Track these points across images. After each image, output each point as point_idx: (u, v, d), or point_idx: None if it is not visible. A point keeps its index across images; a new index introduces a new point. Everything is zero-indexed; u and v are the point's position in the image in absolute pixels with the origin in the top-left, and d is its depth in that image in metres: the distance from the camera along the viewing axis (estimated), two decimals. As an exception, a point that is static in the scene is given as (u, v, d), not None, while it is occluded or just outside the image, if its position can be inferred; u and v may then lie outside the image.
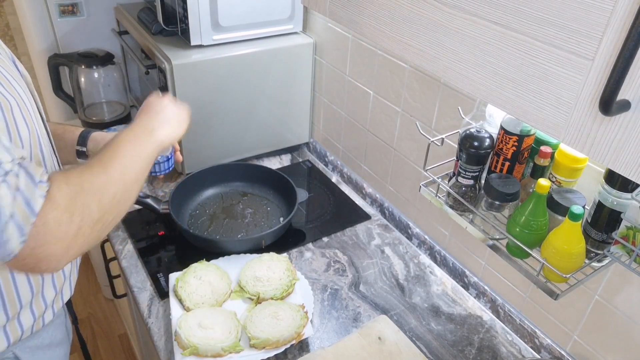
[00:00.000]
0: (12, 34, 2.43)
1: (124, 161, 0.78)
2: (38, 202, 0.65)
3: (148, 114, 0.91)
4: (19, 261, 0.66)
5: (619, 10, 0.48)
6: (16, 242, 0.64)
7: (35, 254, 0.66)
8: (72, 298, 1.03)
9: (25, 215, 0.64)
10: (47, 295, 0.88)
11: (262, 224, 1.38)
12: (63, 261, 0.70)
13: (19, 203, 0.63)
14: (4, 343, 0.83)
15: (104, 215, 0.73)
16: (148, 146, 0.85)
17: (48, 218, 0.66)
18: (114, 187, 0.75)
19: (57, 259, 0.69)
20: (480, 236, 0.96)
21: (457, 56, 0.67)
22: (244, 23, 1.43)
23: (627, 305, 0.92)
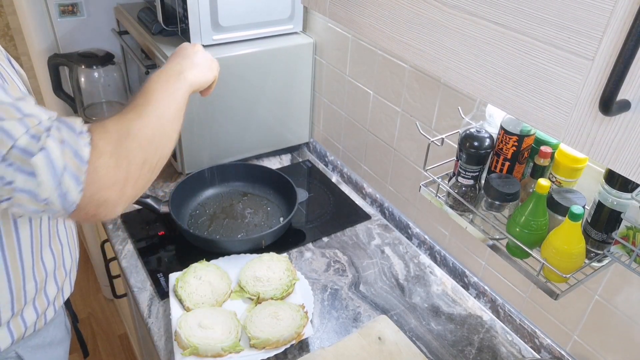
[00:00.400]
0: (12, 34, 2.43)
1: (157, 104, 0.80)
2: (85, 151, 0.66)
3: (177, 58, 0.94)
4: (81, 210, 0.68)
5: (619, 10, 0.48)
6: (75, 192, 0.65)
7: (93, 200, 0.68)
8: (73, 298, 1.04)
9: (77, 165, 0.65)
10: (49, 292, 0.89)
11: (262, 224, 1.38)
12: (119, 205, 0.72)
13: (67, 154, 0.65)
14: (8, 340, 0.84)
15: (148, 157, 0.75)
16: (179, 87, 0.86)
17: (97, 165, 0.67)
18: (151, 130, 0.77)
19: (113, 203, 0.71)
20: (480, 236, 0.96)
21: (457, 56, 0.67)
22: (244, 23, 1.43)
23: (627, 305, 0.92)
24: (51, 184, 0.64)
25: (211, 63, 0.98)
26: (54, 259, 0.88)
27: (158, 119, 0.79)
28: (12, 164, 0.62)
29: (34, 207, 0.65)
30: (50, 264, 0.88)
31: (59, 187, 0.64)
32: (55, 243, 0.89)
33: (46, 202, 0.65)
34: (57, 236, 0.89)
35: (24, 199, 0.64)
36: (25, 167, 0.63)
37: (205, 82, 0.95)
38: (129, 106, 0.79)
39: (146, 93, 0.81)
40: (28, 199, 0.64)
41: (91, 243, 2.21)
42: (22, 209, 0.66)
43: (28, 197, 0.64)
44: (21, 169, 0.63)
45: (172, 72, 0.88)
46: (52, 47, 1.73)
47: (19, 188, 0.63)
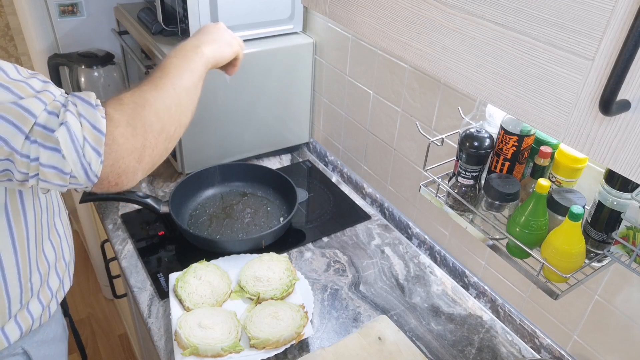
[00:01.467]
0: (12, 34, 2.43)
1: (174, 76, 0.83)
2: (102, 123, 0.68)
3: (198, 34, 0.97)
4: (103, 180, 0.71)
5: (619, 10, 0.48)
6: (96, 163, 0.68)
7: (114, 170, 0.71)
8: (73, 298, 1.05)
9: (96, 137, 0.68)
10: (52, 284, 0.91)
11: (262, 224, 1.38)
12: (139, 173, 0.75)
13: (86, 127, 0.67)
14: (17, 333, 0.85)
15: (165, 126, 0.78)
16: (196, 60, 0.89)
17: (115, 135, 0.70)
18: (168, 99, 0.79)
19: (133, 170, 0.73)
20: (480, 236, 0.96)
21: (457, 56, 0.67)
22: (244, 23, 1.43)
23: (627, 305, 0.92)
24: (74, 157, 0.66)
25: (231, 40, 1.00)
26: (54, 250, 0.90)
27: (174, 89, 0.81)
28: (35, 141, 0.64)
29: (60, 181, 0.68)
30: (51, 256, 0.89)
31: (81, 159, 0.67)
32: (54, 235, 0.90)
33: (71, 175, 0.67)
34: (55, 228, 0.91)
35: (50, 174, 0.67)
36: (48, 142, 0.65)
37: (223, 57, 0.97)
38: (146, 79, 0.81)
39: (164, 67, 0.84)
40: (54, 174, 0.67)
41: (91, 243, 2.21)
42: (49, 184, 0.68)
43: (54, 172, 0.67)
44: (44, 145, 0.65)
45: (190, 46, 0.91)
46: (52, 47, 1.73)
47: (45, 164, 0.66)
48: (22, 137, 0.63)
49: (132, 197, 1.29)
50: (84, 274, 2.49)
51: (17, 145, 0.63)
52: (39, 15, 1.66)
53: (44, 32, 1.69)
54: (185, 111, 0.84)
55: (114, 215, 1.38)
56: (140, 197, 1.30)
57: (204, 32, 0.98)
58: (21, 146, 0.64)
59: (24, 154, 0.64)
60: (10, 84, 0.64)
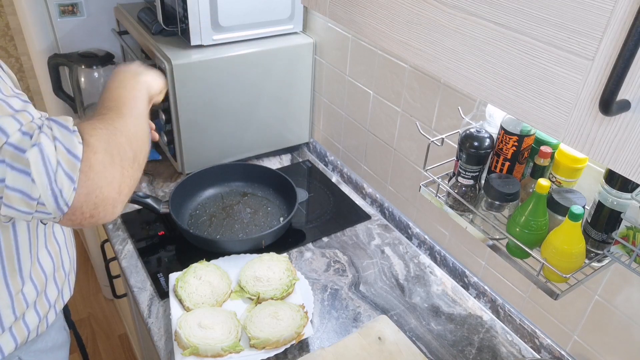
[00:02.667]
0: (12, 34, 2.43)
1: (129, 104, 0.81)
2: (78, 148, 0.65)
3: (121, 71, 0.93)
4: (76, 211, 0.66)
5: (619, 10, 0.48)
6: (69, 190, 0.64)
7: (90, 200, 0.66)
8: (73, 298, 1.03)
9: (71, 162, 0.64)
10: (50, 295, 0.88)
11: (262, 224, 1.38)
12: (118, 204, 0.70)
13: (61, 151, 0.63)
14: (11, 344, 0.83)
15: (136, 153, 0.75)
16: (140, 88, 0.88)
17: (92, 162, 0.66)
18: (133, 127, 0.78)
19: (112, 202, 0.69)
20: (480, 236, 0.96)
21: (457, 56, 0.67)
22: (244, 23, 1.43)
23: (627, 305, 0.92)
24: (44, 181, 0.62)
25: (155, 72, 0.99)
26: (52, 260, 0.88)
27: (135, 117, 0.80)
28: (3, 161, 0.60)
29: (26, 207, 0.63)
30: (48, 266, 0.87)
31: (52, 184, 0.62)
32: (52, 244, 0.88)
33: (38, 201, 0.63)
34: (54, 237, 0.89)
35: (15, 198, 0.62)
36: (17, 163, 0.61)
37: (158, 87, 0.97)
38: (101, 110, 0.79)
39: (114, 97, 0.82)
40: (19, 199, 0.62)
41: (91, 243, 2.21)
42: (12, 210, 0.63)
43: (20, 196, 0.62)
44: (12, 166, 0.61)
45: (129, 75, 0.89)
46: (52, 47, 1.73)
47: (11, 186, 0.61)
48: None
49: (132, 197, 1.29)
50: (84, 274, 2.49)
51: None
52: (39, 15, 1.66)
53: (44, 32, 1.69)
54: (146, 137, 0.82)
55: (114, 215, 1.38)
56: (140, 197, 1.30)
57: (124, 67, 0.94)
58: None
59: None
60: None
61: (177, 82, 1.35)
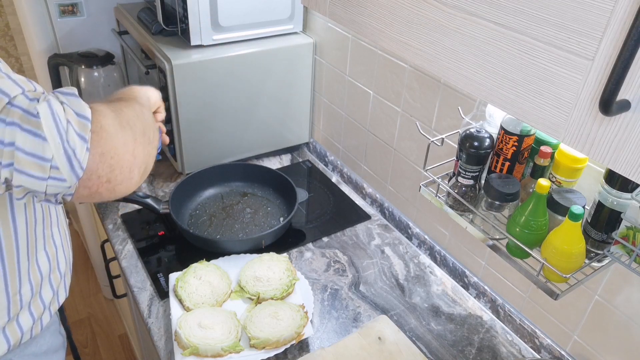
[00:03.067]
0: (12, 34, 2.43)
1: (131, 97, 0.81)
2: (87, 111, 0.63)
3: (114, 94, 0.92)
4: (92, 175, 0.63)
5: (619, 10, 0.48)
6: (81, 150, 0.61)
7: (105, 161, 0.63)
8: (72, 298, 1.03)
9: (81, 123, 0.62)
10: (44, 296, 0.88)
11: (262, 224, 1.38)
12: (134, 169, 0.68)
13: (70, 112, 0.61)
14: (4, 346, 0.82)
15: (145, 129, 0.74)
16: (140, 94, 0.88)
17: (103, 124, 0.64)
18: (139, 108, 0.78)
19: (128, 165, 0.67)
20: (480, 236, 0.96)
21: (457, 56, 0.67)
22: (244, 23, 1.43)
23: (627, 305, 0.92)
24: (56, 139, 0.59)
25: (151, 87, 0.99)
26: (48, 261, 0.87)
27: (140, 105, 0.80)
28: (12, 122, 0.57)
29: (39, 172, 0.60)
30: (45, 267, 0.86)
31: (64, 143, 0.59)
32: (49, 246, 0.87)
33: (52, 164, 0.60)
34: (52, 238, 0.88)
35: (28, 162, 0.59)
36: (27, 125, 0.58)
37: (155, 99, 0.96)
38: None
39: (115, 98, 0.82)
40: (32, 162, 0.59)
41: (91, 243, 2.21)
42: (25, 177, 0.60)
43: (32, 159, 0.59)
44: (22, 127, 0.58)
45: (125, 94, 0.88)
46: (52, 47, 1.73)
47: (22, 148, 0.58)
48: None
49: (132, 197, 1.29)
50: (84, 274, 2.48)
51: None
52: (39, 15, 1.66)
53: (44, 32, 1.69)
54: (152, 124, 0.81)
55: (114, 215, 1.38)
56: (140, 197, 1.30)
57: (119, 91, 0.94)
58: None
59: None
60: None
61: (177, 82, 1.35)
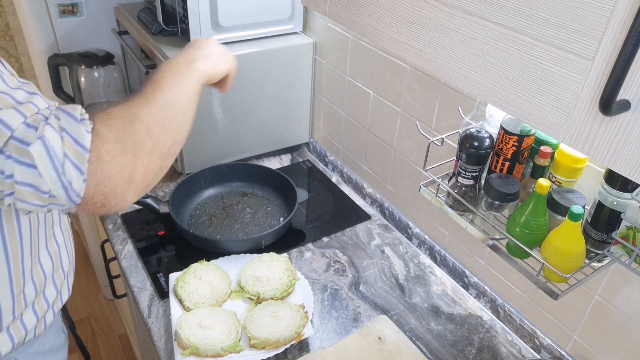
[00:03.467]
0: (12, 34, 2.43)
1: (165, 91, 0.79)
2: (86, 138, 0.64)
3: (190, 48, 0.92)
4: (88, 202, 0.65)
5: (619, 10, 0.48)
6: (78, 181, 0.63)
7: (100, 190, 0.65)
8: (73, 298, 1.03)
9: (78, 153, 0.63)
10: (48, 295, 0.88)
11: (262, 224, 1.38)
12: (129, 194, 0.69)
13: (67, 142, 0.62)
14: (8, 344, 0.83)
15: (158, 143, 0.73)
16: (189, 76, 0.85)
17: (101, 152, 0.65)
18: (160, 114, 0.75)
19: (122, 192, 0.68)
20: (480, 236, 0.96)
21: (457, 56, 0.67)
22: (244, 23, 1.43)
23: (627, 305, 0.92)
24: (52, 174, 0.61)
25: (225, 55, 0.96)
26: (51, 261, 0.88)
27: (167, 104, 0.77)
28: (10, 156, 0.60)
29: (38, 201, 0.63)
30: (48, 266, 0.87)
31: (61, 177, 0.62)
32: (52, 245, 0.88)
33: (49, 194, 0.62)
34: (54, 238, 0.88)
35: (26, 192, 0.62)
36: (24, 158, 0.60)
37: (217, 72, 0.93)
38: (138, 93, 0.78)
39: (156, 81, 0.80)
40: (31, 193, 0.62)
41: (91, 243, 2.21)
42: (26, 204, 0.63)
43: (30, 190, 0.62)
44: (19, 161, 0.60)
45: (182, 61, 0.87)
46: (52, 47, 1.73)
47: (20, 181, 0.61)
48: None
49: (132, 197, 1.29)
50: (84, 274, 2.48)
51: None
52: (39, 15, 1.66)
53: (44, 32, 1.69)
54: (180, 128, 0.79)
55: (114, 215, 1.38)
56: (140, 197, 1.30)
57: (196, 46, 0.93)
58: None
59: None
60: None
61: (177, 82, 1.35)
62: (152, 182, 0.75)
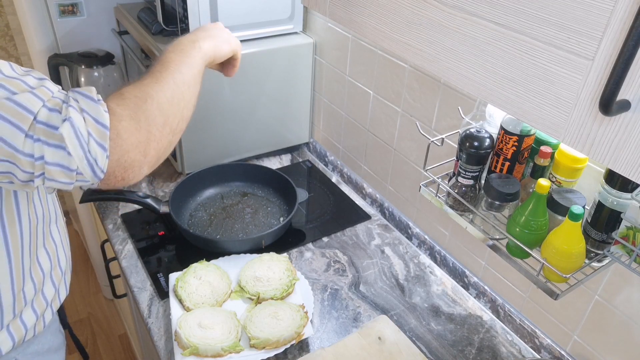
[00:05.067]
0: (12, 34, 2.43)
1: (173, 69, 0.83)
2: (105, 118, 0.68)
3: (196, 31, 0.96)
4: (110, 176, 0.70)
5: (619, 10, 0.48)
6: (102, 158, 0.67)
7: (120, 164, 0.70)
8: (73, 298, 1.04)
9: (100, 131, 0.67)
10: (47, 293, 0.89)
11: (262, 224, 1.38)
12: (144, 166, 0.74)
13: (90, 122, 0.66)
14: (9, 343, 0.84)
15: (168, 119, 0.77)
16: (194, 55, 0.89)
17: (119, 129, 0.69)
18: (169, 92, 0.79)
19: (139, 164, 0.73)
20: (480, 236, 0.96)
21: (457, 56, 0.67)
22: (244, 23, 1.43)
23: (627, 305, 0.92)
24: (80, 153, 0.65)
25: (229, 37, 0.99)
26: (49, 259, 0.88)
27: (175, 82, 0.81)
28: (39, 139, 0.63)
29: (67, 179, 0.67)
30: (46, 264, 0.88)
31: (87, 155, 0.66)
32: (49, 243, 0.89)
33: (77, 172, 0.67)
34: (51, 236, 0.89)
35: (56, 172, 0.66)
36: (52, 140, 0.64)
37: (221, 53, 0.97)
38: (146, 73, 0.81)
39: (162, 61, 0.84)
40: (60, 172, 0.66)
41: (91, 243, 2.21)
42: (54, 182, 0.67)
43: (60, 169, 0.66)
44: (48, 143, 0.64)
45: (187, 40, 0.91)
46: (52, 47, 1.73)
47: (50, 161, 0.65)
48: (22, 135, 0.62)
49: (132, 197, 1.29)
50: (84, 274, 2.48)
51: (18, 144, 0.62)
52: (39, 15, 1.66)
53: (44, 32, 1.69)
54: (187, 104, 0.84)
55: (114, 215, 1.38)
56: (140, 197, 1.30)
57: (201, 29, 0.98)
58: (22, 145, 0.63)
59: (27, 153, 0.63)
60: (4, 80, 0.63)
61: (177, 82, 1.35)
62: (162, 156, 0.79)
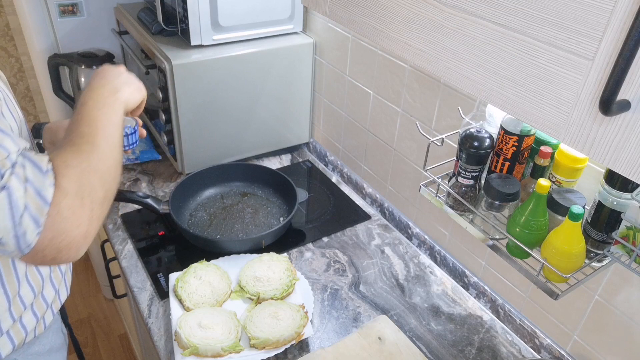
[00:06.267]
0: (12, 34, 2.43)
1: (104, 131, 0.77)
2: (49, 192, 0.64)
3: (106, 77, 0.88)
4: (37, 253, 0.65)
5: (619, 10, 0.48)
6: (32, 233, 0.63)
7: (54, 244, 0.65)
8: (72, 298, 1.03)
9: (39, 205, 0.63)
10: (47, 295, 0.88)
11: (262, 224, 1.38)
12: (82, 248, 0.69)
13: (30, 194, 0.63)
14: (8, 346, 0.83)
15: (107, 192, 0.73)
16: (116, 109, 0.83)
17: (61, 206, 0.65)
18: (108, 161, 0.75)
19: (77, 246, 0.68)
20: (480, 236, 0.96)
21: (457, 56, 0.67)
22: (244, 23, 1.43)
23: (627, 305, 0.92)
24: (8, 224, 0.61)
25: (138, 83, 0.96)
26: None
27: (110, 149, 0.76)
28: None
29: None
30: (44, 267, 0.87)
31: (16, 227, 0.62)
32: None
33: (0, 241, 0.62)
34: None
35: None
36: None
37: (136, 101, 0.93)
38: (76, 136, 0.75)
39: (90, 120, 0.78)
40: None
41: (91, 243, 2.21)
42: None
43: None
44: None
45: (107, 91, 0.85)
46: (52, 47, 1.73)
47: None
48: None
49: (132, 197, 1.29)
50: (84, 274, 2.49)
51: None
52: (39, 15, 1.66)
53: (44, 32, 1.69)
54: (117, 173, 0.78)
55: (114, 215, 1.38)
56: (140, 197, 1.30)
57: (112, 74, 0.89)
58: None
59: None
60: None
61: (177, 82, 1.35)
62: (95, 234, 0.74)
